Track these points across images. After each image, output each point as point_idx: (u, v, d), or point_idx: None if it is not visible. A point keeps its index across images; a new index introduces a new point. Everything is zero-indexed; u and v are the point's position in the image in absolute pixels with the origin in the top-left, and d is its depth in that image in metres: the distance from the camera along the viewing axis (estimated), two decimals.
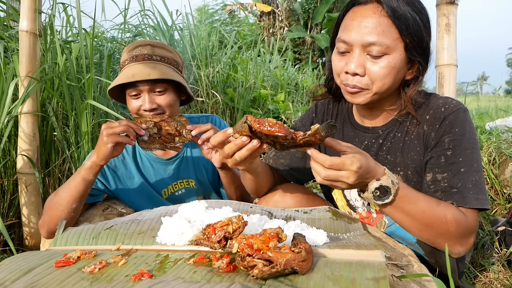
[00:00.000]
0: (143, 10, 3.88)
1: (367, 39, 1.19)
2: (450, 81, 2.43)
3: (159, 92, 1.70)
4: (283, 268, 0.82)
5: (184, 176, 1.89)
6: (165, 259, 1.00)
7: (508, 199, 2.98)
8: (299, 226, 1.11)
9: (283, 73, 5.07)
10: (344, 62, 1.26)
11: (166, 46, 1.79)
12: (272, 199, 1.48)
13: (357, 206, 1.49)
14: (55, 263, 0.99)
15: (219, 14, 13.64)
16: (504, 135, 3.90)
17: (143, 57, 1.70)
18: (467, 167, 1.21)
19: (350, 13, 1.25)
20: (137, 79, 1.62)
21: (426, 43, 1.26)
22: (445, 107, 1.29)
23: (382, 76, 1.21)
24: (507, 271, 1.90)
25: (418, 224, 1.16)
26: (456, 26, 2.45)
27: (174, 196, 1.88)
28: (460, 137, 1.24)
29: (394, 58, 1.21)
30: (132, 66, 1.68)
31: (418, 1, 1.26)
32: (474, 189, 1.19)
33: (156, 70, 1.66)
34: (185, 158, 1.90)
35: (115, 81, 1.68)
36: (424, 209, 1.14)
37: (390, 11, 1.18)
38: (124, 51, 1.78)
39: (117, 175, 1.82)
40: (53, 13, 2.58)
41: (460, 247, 1.19)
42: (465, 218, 1.17)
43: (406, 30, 1.19)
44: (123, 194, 1.83)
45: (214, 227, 1.03)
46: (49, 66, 2.47)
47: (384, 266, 0.89)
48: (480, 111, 7.60)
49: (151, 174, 1.86)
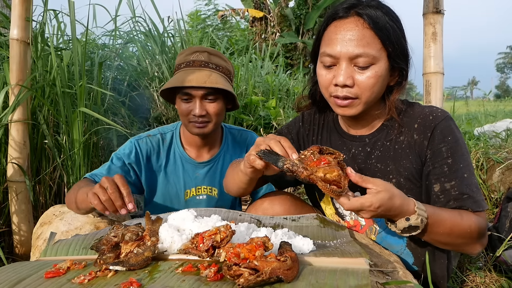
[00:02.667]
0: (134, 17, 3.90)
1: (353, 51, 1.22)
2: (437, 88, 2.47)
3: (210, 100, 1.77)
4: (269, 276, 0.84)
5: (209, 183, 1.95)
6: (154, 268, 1.02)
7: (495, 204, 3.03)
8: (286, 234, 1.13)
9: (275, 79, 5.10)
10: (331, 75, 1.29)
11: (221, 55, 1.86)
12: (261, 206, 1.50)
13: (345, 214, 1.51)
14: (45, 273, 1.00)
15: (211, 20, 13.69)
16: (492, 140, 3.96)
17: (200, 64, 1.77)
18: (468, 172, 1.27)
19: (332, 27, 1.28)
20: (193, 85, 1.70)
21: (406, 49, 1.32)
22: (433, 115, 1.33)
23: (371, 86, 1.26)
24: (493, 275, 1.94)
25: (446, 239, 1.21)
26: (442, 35, 2.50)
27: (195, 199, 1.94)
28: (455, 144, 1.29)
29: (380, 67, 1.25)
30: (188, 71, 1.75)
31: (392, 11, 1.30)
32: (478, 192, 1.26)
33: (211, 79, 1.72)
34: (216, 166, 1.96)
35: (170, 83, 1.75)
36: (452, 226, 1.19)
37: (371, 22, 1.22)
38: (180, 54, 1.86)
39: (148, 165, 1.90)
40: (44, 20, 2.58)
41: (481, 247, 1.26)
42: (483, 221, 1.23)
43: (388, 40, 1.24)
44: (149, 185, 1.91)
45: (202, 236, 1.05)
46: (40, 74, 2.47)
47: (368, 273, 0.91)
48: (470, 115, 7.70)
49: (179, 173, 1.92)
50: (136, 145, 1.87)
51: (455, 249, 1.29)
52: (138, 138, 1.90)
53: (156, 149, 1.91)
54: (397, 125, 1.38)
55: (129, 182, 1.81)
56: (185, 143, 1.96)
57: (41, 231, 2.00)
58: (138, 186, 1.91)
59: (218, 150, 1.98)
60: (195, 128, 1.80)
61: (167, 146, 1.93)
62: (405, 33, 1.32)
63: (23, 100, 2.21)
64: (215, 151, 1.98)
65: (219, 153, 1.97)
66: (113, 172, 1.78)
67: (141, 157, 1.86)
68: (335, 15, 1.28)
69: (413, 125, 1.36)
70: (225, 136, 2.02)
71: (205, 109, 1.76)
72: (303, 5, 14.67)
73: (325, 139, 1.54)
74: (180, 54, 1.86)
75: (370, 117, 1.42)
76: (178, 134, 1.97)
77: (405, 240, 1.41)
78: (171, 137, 1.96)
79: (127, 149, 1.86)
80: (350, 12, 1.25)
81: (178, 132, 1.97)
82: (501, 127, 4.55)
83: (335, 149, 1.50)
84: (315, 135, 1.57)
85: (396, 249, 1.40)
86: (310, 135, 1.58)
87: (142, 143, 1.89)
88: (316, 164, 1.09)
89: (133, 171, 1.86)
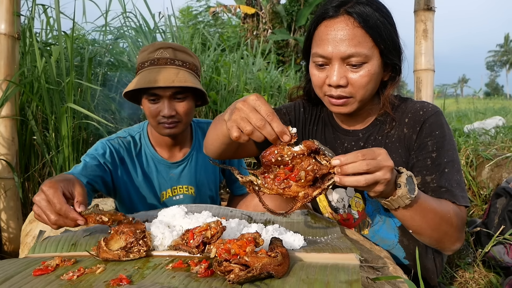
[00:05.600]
0: (125, 12, 3.86)
1: (345, 51, 1.21)
2: (428, 85, 2.49)
3: (179, 99, 1.70)
4: (259, 272, 0.84)
5: (185, 182, 1.90)
6: (143, 265, 1.01)
7: (484, 200, 3.06)
8: (277, 230, 1.13)
9: (266, 75, 5.10)
10: (324, 74, 1.28)
11: (187, 50, 1.78)
12: (252, 202, 1.50)
13: (338, 207, 1.52)
14: (33, 271, 0.98)
15: (202, 16, 13.62)
16: (481, 137, 4.01)
17: (165, 61, 1.68)
18: (449, 167, 1.28)
19: (322, 27, 1.27)
20: (160, 85, 1.61)
21: (398, 44, 1.31)
22: (423, 111, 1.35)
23: (365, 84, 1.25)
24: (482, 270, 1.96)
25: (433, 222, 1.17)
26: (433, 32, 2.51)
27: (172, 200, 1.89)
28: (442, 139, 1.30)
29: (372, 65, 1.25)
30: (153, 70, 1.66)
31: (383, 5, 1.30)
32: (458, 187, 1.26)
33: (179, 77, 1.65)
34: (190, 164, 1.91)
35: (136, 85, 1.66)
36: (435, 206, 1.16)
37: (362, 21, 1.21)
38: (142, 52, 1.75)
39: (123, 167, 1.81)
40: (32, 15, 2.55)
41: (459, 243, 1.24)
42: (460, 213, 1.23)
43: (380, 37, 1.24)
44: (123, 188, 1.82)
45: (192, 232, 1.04)
46: (28, 69, 2.44)
47: (358, 269, 0.91)
48: (460, 113, 7.77)
49: (153, 175, 1.86)
50: (109, 145, 1.77)
51: (437, 241, 1.23)
52: (109, 139, 1.80)
53: (128, 150, 1.82)
54: (389, 120, 1.39)
55: (104, 182, 1.73)
56: (155, 144, 1.88)
57: (30, 228, 1.98)
58: (111, 188, 1.80)
59: (190, 147, 1.93)
60: (165, 129, 1.73)
61: (138, 148, 1.85)
62: (396, 28, 1.31)
63: (11, 95, 2.18)
64: (187, 149, 1.92)
65: (191, 150, 1.92)
66: (90, 169, 1.66)
67: (116, 157, 1.77)
68: (325, 14, 1.26)
69: (404, 119, 1.37)
70: (194, 132, 1.97)
71: (174, 109, 1.69)
72: (294, 2, 14.67)
73: (320, 131, 1.54)
74: (142, 51, 1.76)
75: (364, 112, 1.42)
76: (146, 135, 1.88)
77: (397, 235, 1.41)
78: (139, 139, 1.87)
79: (100, 149, 1.75)
80: (339, 11, 1.24)
81: (146, 133, 1.88)
82: (491, 124, 4.60)
83: (328, 142, 1.50)
84: (311, 124, 1.57)
85: (388, 244, 1.40)
86: (307, 124, 1.58)
87: (114, 143, 1.79)
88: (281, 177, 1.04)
89: (108, 171, 1.75)
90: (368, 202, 1.45)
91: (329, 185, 1.02)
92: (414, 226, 1.17)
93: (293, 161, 1.02)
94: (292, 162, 1.02)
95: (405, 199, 1.07)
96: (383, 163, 0.98)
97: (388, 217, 1.42)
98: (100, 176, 1.69)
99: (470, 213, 3.01)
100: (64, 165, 2.39)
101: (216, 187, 2.04)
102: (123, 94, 1.75)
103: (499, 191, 2.24)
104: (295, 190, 1.04)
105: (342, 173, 0.98)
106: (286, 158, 1.01)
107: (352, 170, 0.97)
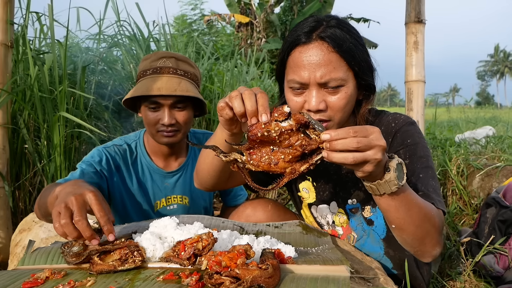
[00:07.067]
0: (119, 21, 3.87)
1: (323, 77, 1.21)
2: (419, 96, 2.52)
3: (179, 108, 1.71)
4: (250, 285, 0.84)
5: (179, 192, 1.90)
6: (134, 277, 1.01)
7: (475, 210, 3.08)
8: (269, 242, 1.13)
9: (260, 84, 5.12)
10: (302, 99, 1.27)
11: (189, 60, 1.80)
12: (244, 213, 1.51)
13: (323, 224, 1.53)
14: (22, 284, 0.97)
15: (197, 24, 13.67)
16: (472, 147, 4.04)
17: (168, 70, 1.70)
18: (424, 173, 1.28)
19: (297, 53, 1.25)
20: (163, 93, 1.62)
21: (370, 64, 1.32)
22: (395, 122, 1.37)
23: (343, 106, 1.26)
24: (472, 280, 1.97)
25: (417, 218, 1.13)
26: (424, 44, 2.55)
27: (166, 210, 1.88)
28: (414, 147, 1.31)
29: (349, 88, 1.26)
30: (156, 78, 1.67)
31: (351, 27, 1.30)
32: (434, 192, 1.25)
33: (181, 86, 1.66)
34: (185, 174, 1.91)
35: (137, 92, 1.66)
36: (420, 201, 1.14)
37: (336, 46, 1.22)
38: (144, 60, 1.76)
39: (118, 174, 1.80)
40: (25, 23, 2.54)
41: (439, 247, 1.21)
42: (439, 213, 1.20)
43: (354, 60, 1.24)
44: (118, 196, 1.81)
45: (184, 244, 1.04)
46: (21, 78, 2.43)
47: (348, 281, 0.92)
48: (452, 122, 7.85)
49: (148, 184, 1.85)
50: (105, 152, 1.76)
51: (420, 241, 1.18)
52: (105, 147, 1.80)
53: (124, 158, 1.82)
54: None
55: (101, 190, 1.68)
56: (151, 153, 1.87)
57: (20, 238, 1.96)
58: (106, 195, 1.78)
59: (185, 157, 1.93)
60: (164, 138, 1.73)
61: (134, 156, 1.85)
62: (367, 48, 1.32)
63: (3, 103, 2.17)
64: (183, 159, 1.92)
65: (187, 160, 1.92)
66: (87, 176, 1.64)
67: (112, 164, 1.76)
68: (298, 40, 1.26)
69: None
70: None
71: (174, 117, 1.70)
72: (288, 12, 14.80)
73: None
74: (144, 60, 1.77)
75: None
76: (142, 143, 1.88)
77: (383, 247, 1.42)
78: (135, 147, 1.87)
79: (96, 156, 1.74)
80: (312, 37, 1.23)
81: (142, 141, 1.88)
82: (481, 134, 4.65)
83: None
84: None
85: (374, 256, 1.41)
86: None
87: (111, 151, 1.79)
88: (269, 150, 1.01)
89: (105, 178, 1.74)
90: (351, 217, 1.46)
91: (317, 160, 0.99)
92: (398, 219, 1.12)
93: (280, 137, 0.99)
94: (279, 139, 0.99)
95: (393, 185, 1.03)
96: (375, 142, 0.95)
97: (372, 230, 1.43)
98: (97, 183, 1.67)
99: (461, 222, 3.04)
100: (56, 174, 2.38)
101: (210, 198, 2.04)
102: (122, 101, 1.75)
103: (489, 201, 2.26)
104: (282, 166, 1.01)
105: (331, 148, 0.95)
106: (273, 133, 0.98)
107: (341, 147, 0.94)
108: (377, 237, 1.42)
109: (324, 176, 1.48)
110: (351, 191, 1.43)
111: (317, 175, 1.50)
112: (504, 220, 2.03)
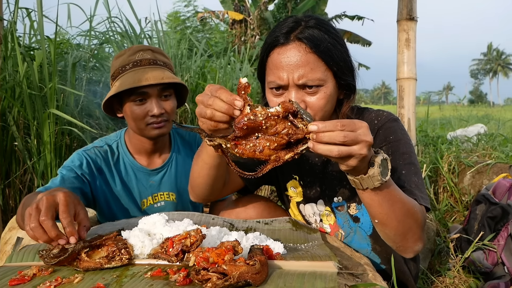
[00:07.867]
0: (110, 17, 3.84)
1: (301, 78, 1.21)
2: (410, 93, 2.53)
3: (165, 97, 1.71)
4: (237, 280, 0.84)
5: (165, 189, 1.88)
6: (122, 273, 1.00)
7: (466, 207, 3.11)
8: (258, 238, 1.14)
9: (253, 82, 5.11)
10: (282, 100, 1.23)
11: (163, 52, 1.80)
12: (234, 210, 1.51)
13: (311, 222, 1.53)
14: (9, 281, 0.97)
15: (190, 21, 13.62)
16: (463, 144, 4.08)
17: (148, 62, 1.69)
18: (407, 170, 1.28)
19: (275, 55, 1.25)
20: (151, 82, 1.61)
21: (350, 64, 1.31)
22: (378, 119, 1.37)
23: (323, 106, 1.26)
24: (462, 276, 1.99)
25: (400, 213, 1.13)
26: (415, 41, 2.56)
27: (153, 208, 1.86)
28: (397, 143, 1.31)
29: (328, 88, 1.25)
30: (138, 71, 1.66)
31: (331, 26, 1.30)
32: (417, 188, 1.26)
33: (166, 74, 1.66)
34: (170, 170, 1.89)
35: (124, 86, 1.63)
36: (403, 197, 1.14)
37: (313, 46, 1.21)
38: (118, 57, 1.74)
39: (101, 177, 1.78)
40: (14, 19, 2.52)
41: (421, 243, 1.21)
42: (422, 209, 1.20)
43: (332, 60, 1.24)
44: (102, 199, 1.79)
45: (172, 241, 1.04)
46: (10, 74, 2.41)
47: (335, 276, 0.92)
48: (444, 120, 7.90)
49: (132, 183, 1.83)
50: (85, 156, 1.73)
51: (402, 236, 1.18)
52: (85, 150, 1.77)
53: (106, 160, 1.79)
54: None
55: (83, 194, 1.69)
56: (133, 152, 1.85)
57: (10, 236, 1.95)
58: (90, 199, 1.76)
59: (169, 154, 1.91)
60: (154, 130, 1.71)
61: (116, 157, 1.82)
62: (346, 47, 1.32)
63: None
64: (166, 155, 1.90)
65: (170, 156, 1.90)
66: (68, 182, 1.62)
67: (93, 167, 1.74)
68: (276, 42, 1.26)
69: None
70: (173, 138, 1.95)
71: (163, 107, 1.69)
72: (282, 9, 14.80)
73: None
74: (118, 56, 1.74)
75: None
76: (124, 143, 1.85)
77: (370, 243, 1.43)
78: (116, 147, 1.84)
79: (76, 160, 1.71)
80: (290, 37, 1.23)
81: (123, 141, 1.85)
82: (473, 131, 4.69)
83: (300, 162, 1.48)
84: None
85: (362, 253, 1.42)
86: None
87: (91, 153, 1.76)
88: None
89: (87, 182, 1.71)
90: (337, 215, 1.46)
91: (302, 150, 0.99)
92: (381, 214, 1.12)
93: (267, 122, 0.98)
94: (265, 124, 0.98)
95: (376, 180, 1.03)
96: (362, 137, 0.95)
97: (358, 227, 1.43)
98: (78, 188, 1.66)
99: (452, 219, 3.06)
100: (46, 171, 2.36)
101: None
102: (102, 103, 1.71)
103: (479, 197, 2.28)
104: (267, 153, 1.00)
105: (317, 140, 0.95)
106: (259, 117, 0.97)
107: (327, 139, 0.94)
108: (364, 234, 1.43)
109: (311, 175, 1.48)
110: (337, 189, 1.43)
111: (304, 174, 1.50)
112: (493, 217, 2.05)
